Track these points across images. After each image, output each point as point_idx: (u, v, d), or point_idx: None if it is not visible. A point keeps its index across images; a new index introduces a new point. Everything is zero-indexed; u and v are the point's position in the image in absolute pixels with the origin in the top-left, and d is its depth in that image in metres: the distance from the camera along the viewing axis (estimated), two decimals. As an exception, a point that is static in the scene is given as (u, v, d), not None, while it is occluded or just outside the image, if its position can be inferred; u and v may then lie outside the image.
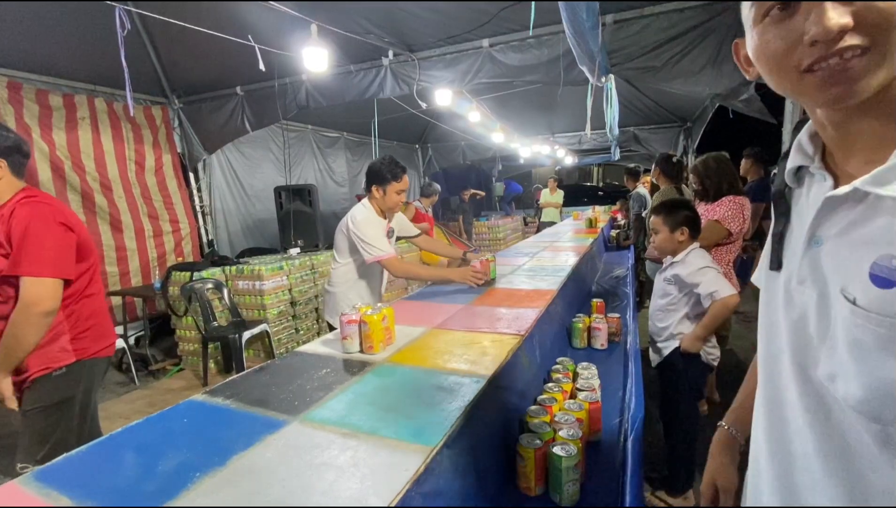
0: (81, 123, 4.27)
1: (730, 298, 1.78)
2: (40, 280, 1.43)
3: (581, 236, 4.43)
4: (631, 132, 7.92)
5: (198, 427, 0.94)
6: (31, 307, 1.42)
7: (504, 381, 1.19)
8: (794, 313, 0.57)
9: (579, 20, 2.44)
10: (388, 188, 2.37)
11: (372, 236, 2.32)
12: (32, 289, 1.42)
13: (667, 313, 1.99)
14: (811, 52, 0.47)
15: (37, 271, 1.42)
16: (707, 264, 1.88)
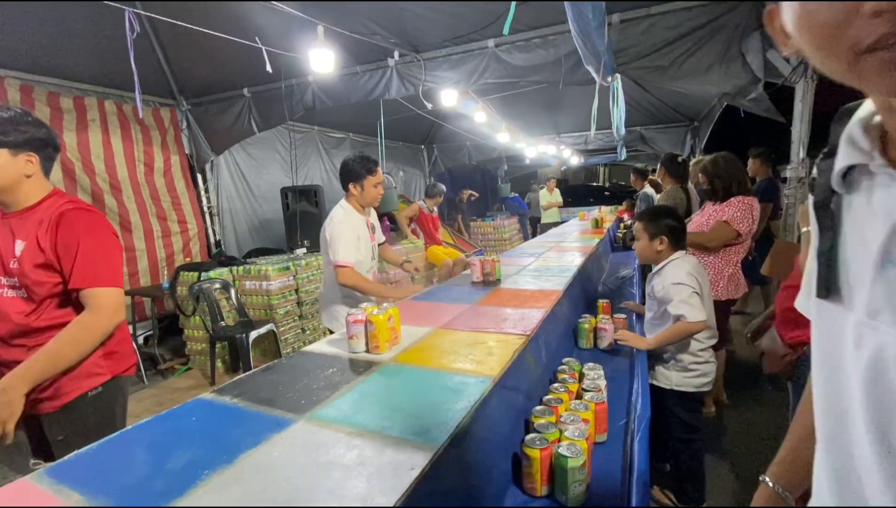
0: (91, 125, 4.33)
1: (695, 325, 1.72)
2: (116, 290, 1.43)
3: (587, 236, 4.41)
4: (637, 132, 7.89)
5: (206, 426, 0.95)
6: (111, 317, 1.41)
7: (509, 381, 1.19)
8: (867, 358, 0.43)
9: (585, 19, 2.43)
10: (365, 183, 2.42)
11: (341, 238, 2.33)
12: (109, 300, 1.40)
13: (653, 328, 1.94)
14: (874, 26, 0.35)
15: (113, 281, 1.42)
16: (681, 278, 1.77)
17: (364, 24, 3.58)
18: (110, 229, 1.48)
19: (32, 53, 3.75)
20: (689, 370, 1.87)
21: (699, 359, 1.88)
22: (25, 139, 1.36)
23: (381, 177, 2.46)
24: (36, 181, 1.41)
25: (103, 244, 1.43)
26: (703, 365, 1.88)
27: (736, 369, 3.35)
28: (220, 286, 3.72)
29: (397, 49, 3.83)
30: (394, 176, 8.47)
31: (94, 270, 1.38)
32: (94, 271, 1.38)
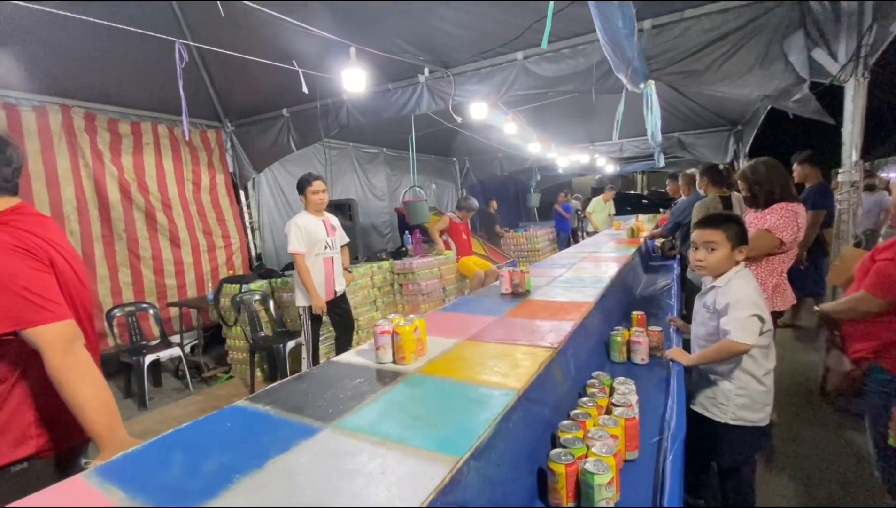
0: (146, 148, 4.66)
1: (740, 346, 1.56)
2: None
3: (622, 246, 4.30)
4: (676, 138, 7.64)
5: (239, 431, 0.99)
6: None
7: (535, 394, 1.18)
8: None
9: (614, 28, 2.41)
10: (307, 191, 3.23)
11: (291, 233, 3.14)
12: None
13: (708, 346, 1.73)
14: None
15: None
16: (745, 294, 1.61)
17: (395, 43, 3.69)
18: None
19: (95, 84, 4.11)
20: (750, 398, 1.65)
21: (763, 387, 1.66)
22: None
23: (319, 186, 3.24)
24: None
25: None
26: (765, 395, 1.68)
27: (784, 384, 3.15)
28: (259, 298, 3.88)
29: (427, 65, 3.92)
30: (426, 189, 8.59)
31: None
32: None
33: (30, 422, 1.26)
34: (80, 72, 3.90)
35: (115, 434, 1.20)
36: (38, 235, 1.27)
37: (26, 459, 1.25)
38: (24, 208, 1.31)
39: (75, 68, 3.85)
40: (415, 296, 4.72)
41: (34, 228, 1.27)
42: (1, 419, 1.22)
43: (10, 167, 1.29)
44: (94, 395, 1.21)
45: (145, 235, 4.59)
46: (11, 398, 1.24)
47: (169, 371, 4.28)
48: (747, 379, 1.65)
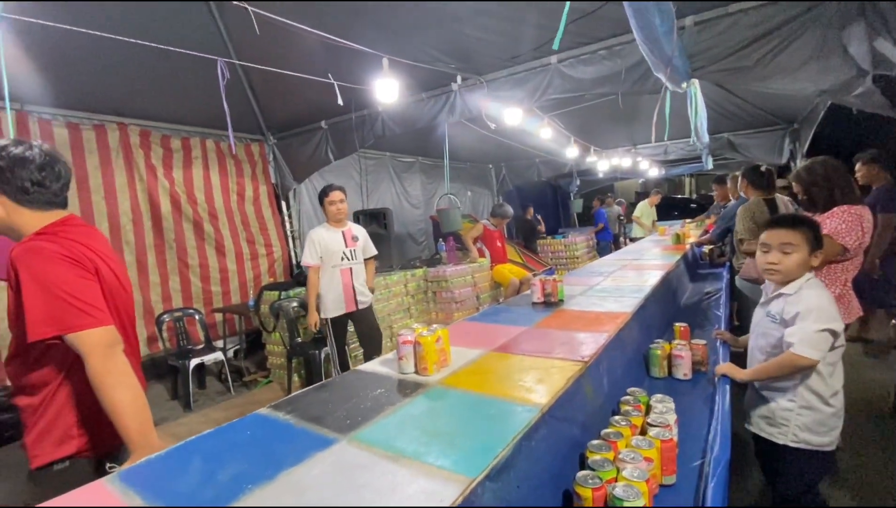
0: (195, 162, 4.92)
1: (802, 360, 1.41)
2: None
3: (666, 253, 4.09)
4: (725, 138, 7.24)
5: (257, 440, 0.99)
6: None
7: (562, 411, 1.11)
8: None
9: (651, 26, 2.31)
10: (325, 202, 3.29)
11: (306, 246, 3.23)
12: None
13: (770, 359, 1.58)
14: None
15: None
16: (819, 305, 1.45)
17: (427, 53, 3.72)
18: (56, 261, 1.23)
19: (150, 103, 4.39)
20: (814, 419, 1.49)
21: (829, 408, 1.49)
22: None
23: (336, 196, 3.27)
24: (13, 217, 1.29)
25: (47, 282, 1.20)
26: (833, 417, 1.51)
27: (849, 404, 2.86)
28: (297, 305, 3.97)
29: (460, 73, 3.91)
30: (461, 196, 8.59)
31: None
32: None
33: (72, 423, 1.32)
34: (135, 92, 4.18)
35: (146, 438, 1.24)
36: (85, 244, 1.34)
37: (68, 458, 1.31)
38: (72, 219, 1.39)
39: (131, 89, 4.13)
40: (448, 304, 4.69)
41: (81, 238, 1.34)
42: (46, 419, 1.29)
43: (59, 182, 1.36)
44: (130, 399, 1.26)
45: (193, 244, 4.84)
46: (56, 400, 1.31)
47: (213, 374, 4.46)
48: (811, 398, 1.50)
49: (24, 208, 1.30)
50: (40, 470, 1.29)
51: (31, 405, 1.30)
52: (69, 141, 3.96)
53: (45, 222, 1.31)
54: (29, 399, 1.30)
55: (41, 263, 1.22)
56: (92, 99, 4.04)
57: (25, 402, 1.28)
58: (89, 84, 3.89)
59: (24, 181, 1.28)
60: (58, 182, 1.36)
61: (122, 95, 4.16)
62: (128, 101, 4.24)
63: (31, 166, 1.28)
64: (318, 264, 3.19)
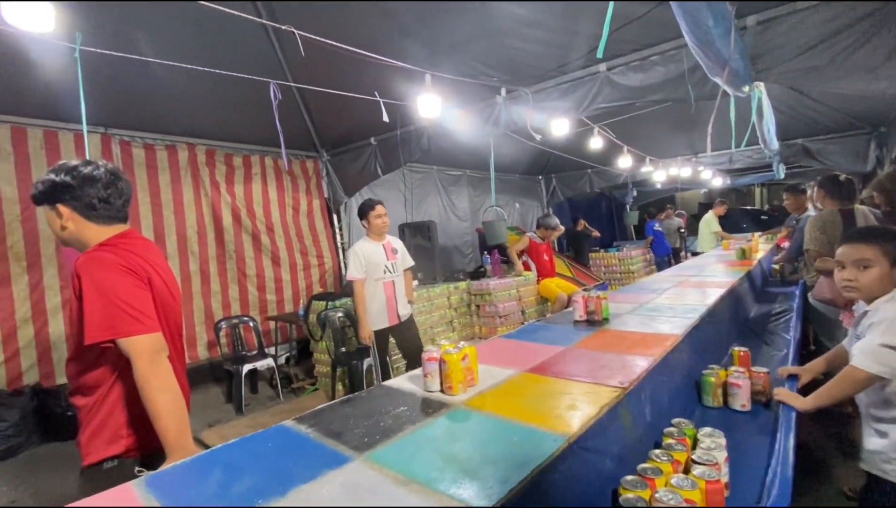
0: (255, 178, 5.24)
1: (858, 372, 1.27)
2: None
3: (730, 268, 3.79)
4: (799, 145, 6.64)
5: (276, 453, 1.00)
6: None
7: (593, 442, 1.03)
8: None
9: (704, 29, 2.17)
10: (370, 216, 3.32)
11: (350, 260, 3.26)
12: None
13: (877, 394, 1.36)
14: None
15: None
16: (892, 318, 1.30)
17: (470, 66, 3.73)
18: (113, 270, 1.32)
19: (215, 124, 4.74)
20: None
21: None
22: (41, 192, 1.37)
23: (381, 211, 3.35)
24: (80, 231, 1.39)
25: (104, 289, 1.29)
26: None
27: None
28: (342, 315, 4.07)
29: (504, 85, 3.89)
30: (509, 208, 8.49)
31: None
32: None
33: (122, 423, 1.40)
34: (203, 114, 4.54)
35: (182, 441, 1.29)
36: (141, 256, 1.43)
37: (117, 457, 1.39)
38: (132, 233, 1.50)
39: (199, 111, 4.49)
40: (492, 318, 4.61)
41: (138, 250, 1.44)
42: (99, 419, 1.38)
43: (122, 199, 1.48)
44: (170, 404, 1.32)
45: (251, 255, 5.13)
46: (108, 400, 1.40)
47: (265, 380, 4.65)
48: None
49: (90, 222, 1.41)
50: (91, 468, 1.38)
51: (85, 404, 1.40)
52: (145, 160, 4.36)
53: (107, 235, 1.42)
54: (84, 399, 1.40)
55: (101, 271, 1.31)
56: (165, 121, 4.43)
57: (81, 402, 1.38)
58: (163, 108, 4.27)
59: (91, 198, 1.39)
60: (120, 199, 1.48)
61: (191, 118, 4.52)
62: (196, 122, 4.60)
63: (98, 185, 1.40)
64: (363, 278, 3.23)
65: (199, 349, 4.67)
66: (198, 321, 4.68)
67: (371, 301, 3.27)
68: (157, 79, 3.83)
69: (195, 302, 4.66)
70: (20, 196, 3.67)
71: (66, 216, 1.37)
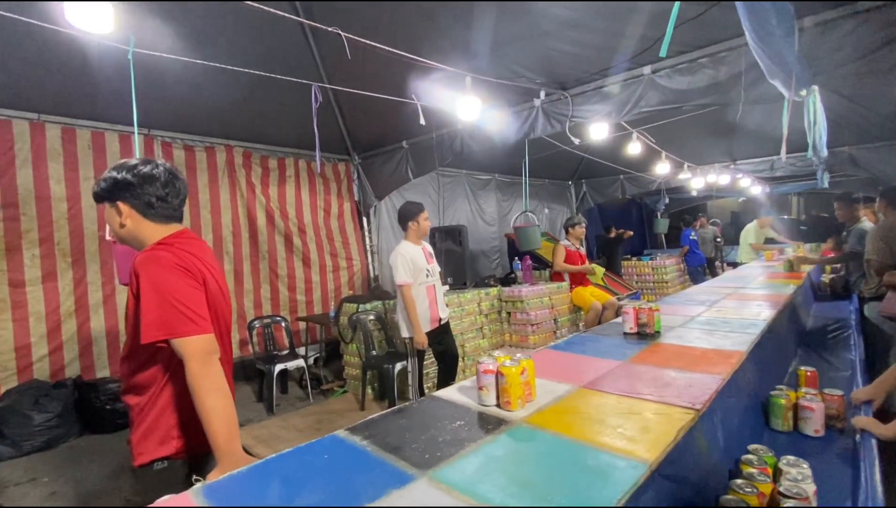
0: (289, 180, 5.30)
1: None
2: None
3: (778, 281, 3.60)
4: (845, 153, 6.33)
5: (334, 466, 0.95)
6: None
7: (672, 469, 0.95)
8: None
9: (767, 26, 2.06)
10: (420, 218, 3.29)
11: (398, 265, 3.17)
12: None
13: None
14: None
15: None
16: None
17: (509, 68, 3.67)
18: (171, 270, 1.32)
19: (252, 126, 4.81)
20: None
21: None
22: (102, 190, 1.39)
23: (427, 214, 3.35)
24: (138, 229, 1.40)
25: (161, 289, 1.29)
26: None
27: None
28: (374, 318, 4.05)
29: (543, 88, 3.81)
30: (538, 214, 8.36)
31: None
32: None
33: (173, 424, 1.39)
34: (240, 116, 4.62)
35: (231, 446, 1.27)
36: (197, 256, 1.42)
37: (167, 458, 1.38)
38: (186, 233, 1.50)
39: (237, 114, 4.56)
40: (523, 326, 4.52)
41: (194, 250, 1.44)
42: (151, 418, 1.37)
43: (178, 198, 1.48)
44: (221, 407, 1.29)
45: (283, 255, 5.18)
46: (161, 400, 1.39)
47: (294, 380, 4.68)
48: None
49: (148, 220, 1.41)
50: (143, 468, 1.37)
51: (138, 404, 1.39)
52: (185, 161, 4.45)
53: (164, 234, 1.42)
54: (137, 398, 1.39)
55: (159, 270, 1.31)
56: (204, 123, 4.53)
57: (134, 401, 1.38)
58: (202, 111, 4.36)
59: (150, 197, 1.39)
60: (177, 198, 1.48)
61: (230, 120, 4.61)
62: (234, 125, 4.69)
63: (157, 184, 1.40)
64: (412, 282, 3.16)
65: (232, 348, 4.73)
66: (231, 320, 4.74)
67: None
68: (197, 81, 3.92)
69: (229, 301, 4.73)
70: (67, 194, 3.79)
71: (125, 214, 1.38)
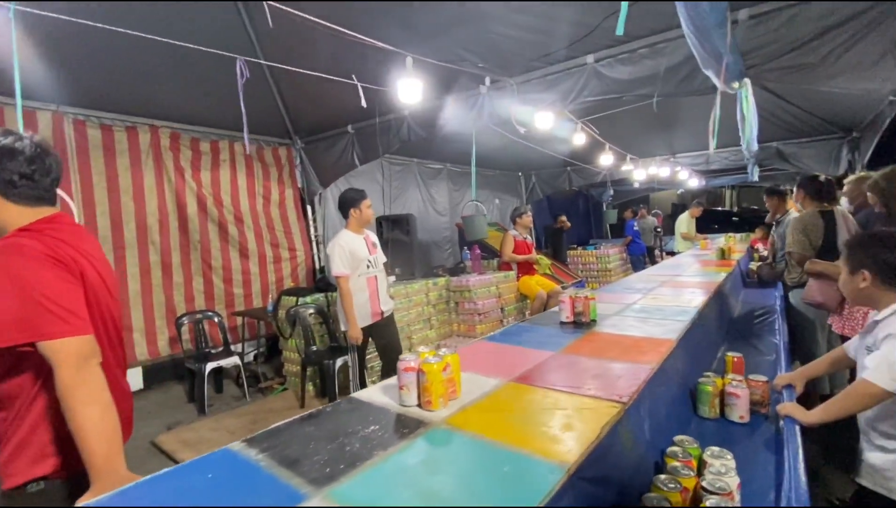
0: (223, 165, 4.93)
1: (873, 387, 1.22)
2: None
3: (710, 269, 3.76)
4: (774, 148, 6.75)
5: (216, 487, 0.82)
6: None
7: (593, 470, 0.89)
8: None
9: (702, 16, 2.07)
10: (362, 205, 3.11)
11: (335, 255, 2.98)
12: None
13: (885, 408, 1.30)
14: None
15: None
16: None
17: (453, 52, 3.56)
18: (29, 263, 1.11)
19: (181, 106, 4.42)
20: None
21: None
22: None
23: (370, 200, 3.18)
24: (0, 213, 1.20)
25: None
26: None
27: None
28: (313, 311, 3.86)
29: (488, 74, 3.73)
30: (489, 204, 8.37)
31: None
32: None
33: (48, 439, 1.19)
34: (167, 95, 4.22)
35: (111, 466, 1.10)
36: (73, 245, 1.22)
37: (43, 478, 1.19)
38: (61, 217, 1.28)
39: (163, 92, 4.16)
40: (471, 316, 4.48)
41: (69, 238, 1.23)
42: (21, 434, 1.17)
43: (49, 177, 1.26)
44: (99, 420, 1.11)
45: (217, 245, 4.83)
46: (32, 412, 1.18)
47: (231, 378, 4.40)
48: None
49: (10, 202, 1.20)
50: (14, 491, 1.17)
51: (4, 418, 1.19)
52: (101, 142, 4.02)
53: (31, 219, 1.20)
54: (2, 412, 1.19)
55: (20, 261, 1.10)
56: (125, 101, 4.09)
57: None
58: (123, 87, 3.93)
59: (11, 174, 1.18)
60: (48, 176, 1.26)
61: (155, 98, 4.19)
62: (160, 103, 4.27)
63: (20, 158, 1.19)
64: (349, 274, 2.99)
65: (161, 345, 4.37)
66: (158, 315, 4.38)
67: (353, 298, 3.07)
68: (117, 53, 3.52)
69: (155, 295, 4.35)
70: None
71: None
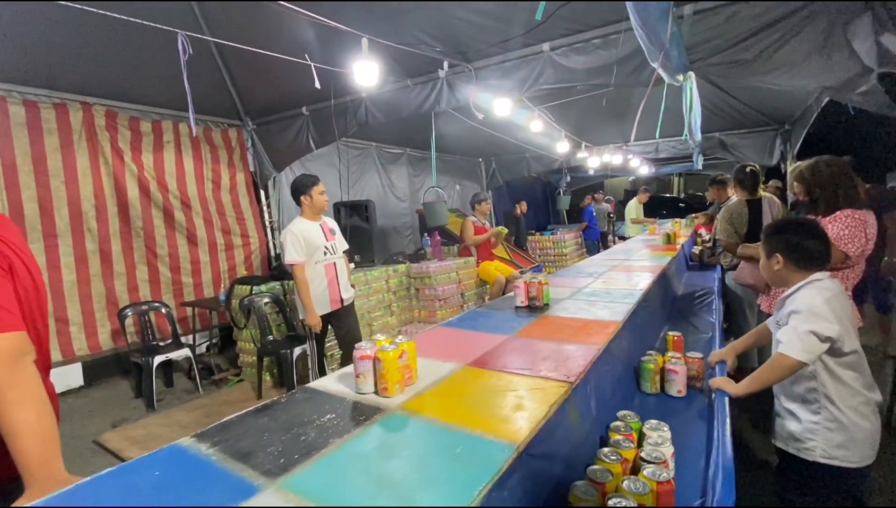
0: (167, 147, 4.65)
1: (787, 359, 1.34)
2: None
3: (657, 253, 3.96)
4: (716, 138, 7.18)
5: (164, 486, 0.80)
6: None
7: (541, 448, 0.94)
8: None
9: (648, 10, 2.14)
10: (313, 192, 3.03)
11: (288, 242, 2.93)
12: None
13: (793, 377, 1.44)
14: None
15: None
16: (809, 304, 1.38)
17: (411, 35, 3.50)
18: None
19: (118, 83, 4.10)
20: (845, 434, 1.38)
21: (865, 422, 1.39)
22: None
23: (322, 186, 3.09)
24: None
25: None
26: (867, 432, 1.40)
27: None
28: (269, 301, 3.76)
29: (447, 59, 3.71)
30: (449, 190, 8.38)
31: None
32: None
33: None
34: (102, 70, 3.90)
35: (48, 469, 1.03)
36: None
37: None
38: None
39: (98, 67, 3.84)
40: (431, 302, 4.51)
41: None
42: None
43: None
44: (35, 421, 1.04)
45: (163, 232, 4.58)
46: None
47: (182, 371, 4.23)
48: (838, 412, 1.39)
49: None
50: None
51: None
52: (25, 120, 3.67)
53: None
54: None
55: None
56: (54, 76, 3.75)
57: None
58: (51, 59, 3.60)
59: None
60: None
61: (88, 73, 3.87)
62: (94, 79, 3.95)
63: None
64: (304, 261, 2.95)
65: (102, 339, 4.12)
66: (98, 306, 4.11)
67: (311, 286, 3.01)
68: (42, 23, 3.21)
69: (94, 285, 4.08)
70: None
71: None
